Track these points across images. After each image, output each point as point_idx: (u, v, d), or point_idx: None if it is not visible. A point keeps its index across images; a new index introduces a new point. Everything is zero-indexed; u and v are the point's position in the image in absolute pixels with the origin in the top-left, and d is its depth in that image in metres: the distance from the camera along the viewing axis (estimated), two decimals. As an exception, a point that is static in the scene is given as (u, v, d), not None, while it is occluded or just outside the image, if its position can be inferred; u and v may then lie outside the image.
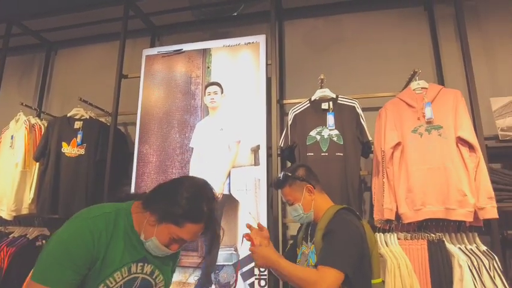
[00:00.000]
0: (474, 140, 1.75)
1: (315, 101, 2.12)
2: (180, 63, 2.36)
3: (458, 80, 2.30)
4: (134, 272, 1.00)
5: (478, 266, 1.61)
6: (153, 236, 0.96)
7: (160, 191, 1.01)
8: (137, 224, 1.00)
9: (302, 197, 1.39)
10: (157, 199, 0.99)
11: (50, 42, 3.28)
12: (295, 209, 1.40)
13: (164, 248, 0.98)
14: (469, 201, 1.69)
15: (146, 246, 0.99)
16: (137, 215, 1.01)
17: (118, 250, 0.97)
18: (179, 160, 2.17)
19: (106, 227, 0.96)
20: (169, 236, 0.96)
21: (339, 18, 2.72)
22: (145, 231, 0.98)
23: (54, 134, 2.43)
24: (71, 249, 0.90)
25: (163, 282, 1.09)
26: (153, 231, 0.96)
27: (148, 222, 0.97)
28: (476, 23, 2.46)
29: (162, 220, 0.95)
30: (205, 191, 1.02)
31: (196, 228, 0.97)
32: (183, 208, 0.94)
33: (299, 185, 1.41)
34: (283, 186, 1.43)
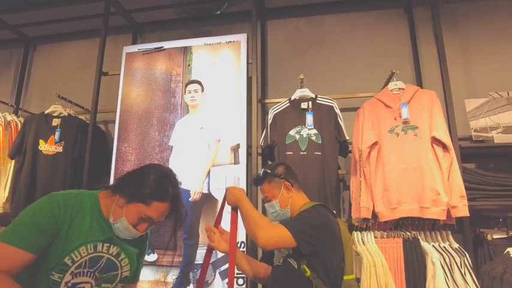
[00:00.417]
0: (448, 140, 1.79)
1: (295, 100, 2.14)
2: (161, 61, 2.34)
3: (436, 81, 2.34)
4: (100, 251, 1.05)
5: (449, 263, 1.65)
6: (123, 217, 1.02)
7: (129, 176, 1.09)
8: (105, 208, 1.07)
9: (280, 194, 1.41)
10: (127, 182, 1.06)
11: (29, 37, 3.20)
12: (272, 206, 1.41)
13: (132, 228, 1.03)
14: (442, 200, 1.73)
15: (115, 228, 1.04)
16: (105, 200, 1.07)
17: (84, 226, 1.02)
18: (158, 159, 2.15)
19: (73, 204, 1.02)
20: (138, 215, 1.03)
21: (320, 19, 2.74)
22: (114, 213, 1.04)
23: (31, 131, 2.38)
24: (38, 215, 0.96)
25: (129, 267, 1.12)
26: (122, 212, 1.02)
27: (117, 204, 1.04)
28: (453, 26, 2.51)
29: (131, 200, 1.02)
30: (170, 175, 1.11)
31: (163, 206, 1.04)
32: (150, 188, 1.03)
33: (277, 182, 1.42)
34: (262, 182, 1.45)
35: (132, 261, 1.13)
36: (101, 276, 1.06)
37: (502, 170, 2.05)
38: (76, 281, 1.01)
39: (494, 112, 2.03)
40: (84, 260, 1.01)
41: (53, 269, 0.97)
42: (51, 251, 0.97)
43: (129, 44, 2.90)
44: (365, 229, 1.89)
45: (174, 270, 1.99)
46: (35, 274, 0.98)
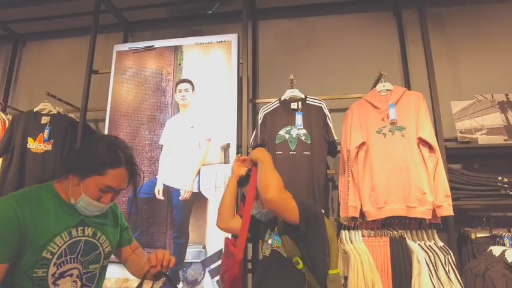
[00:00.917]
0: (433, 141, 1.83)
1: (285, 100, 2.16)
2: (151, 60, 2.34)
3: (423, 83, 2.38)
4: (75, 236, 1.05)
5: (434, 261, 1.69)
6: (82, 194, 1.02)
7: (76, 153, 1.12)
8: (63, 193, 1.06)
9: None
10: (76, 160, 1.07)
11: (18, 34, 3.17)
12: (255, 207, 1.42)
13: (96, 202, 1.04)
14: (427, 200, 1.77)
15: (78, 207, 1.04)
16: (60, 185, 1.07)
17: (50, 218, 1.01)
18: (148, 157, 2.16)
19: (28, 201, 1.00)
20: (97, 187, 1.02)
21: (311, 20, 2.77)
22: (73, 194, 1.03)
23: (19, 128, 2.35)
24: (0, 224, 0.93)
25: (108, 243, 1.14)
26: (80, 189, 1.02)
27: (73, 184, 1.03)
28: (441, 30, 2.56)
29: (85, 175, 1.01)
30: (117, 141, 1.10)
31: (119, 172, 1.04)
32: (100, 158, 1.02)
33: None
34: (246, 184, 1.45)
35: (111, 238, 1.15)
36: (84, 259, 1.07)
37: (486, 170, 2.10)
38: (63, 270, 1.02)
39: (478, 114, 2.08)
40: (63, 249, 1.01)
41: (34, 267, 0.97)
42: (25, 252, 0.96)
43: (120, 42, 2.89)
44: (353, 228, 1.92)
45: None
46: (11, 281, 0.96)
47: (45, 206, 1.02)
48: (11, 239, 0.94)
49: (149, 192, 2.09)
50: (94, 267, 1.10)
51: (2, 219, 0.94)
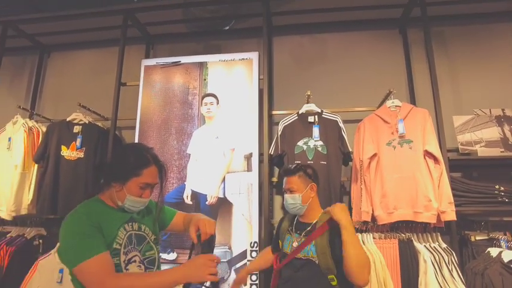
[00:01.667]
0: (438, 154, 2.04)
1: (302, 114, 2.36)
2: (178, 75, 2.53)
3: (427, 98, 2.60)
4: (129, 230, 1.25)
5: (439, 260, 1.89)
6: (127, 195, 1.21)
7: (110, 166, 1.27)
8: (109, 201, 1.25)
9: (304, 191, 1.58)
10: (113, 171, 1.23)
11: (43, 45, 3.33)
12: (294, 198, 1.57)
13: (139, 199, 1.23)
14: (433, 206, 1.98)
15: (127, 207, 1.23)
16: (104, 196, 1.25)
17: (108, 219, 1.20)
18: (177, 165, 2.34)
19: (89, 209, 1.20)
20: (137, 187, 1.21)
21: (323, 37, 2.97)
22: (118, 198, 1.22)
23: (53, 137, 2.53)
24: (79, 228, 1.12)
25: (151, 232, 1.35)
26: (124, 193, 1.21)
27: (116, 190, 1.21)
28: (443, 48, 2.78)
29: (125, 180, 1.21)
30: (141, 146, 1.31)
31: (150, 170, 1.23)
32: (133, 163, 1.22)
33: (306, 180, 1.60)
34: (293, 174, 1.61)
35: (152, 227, 1.35)
36: (139, 248, 1.27)
37: (484, 179, 2.32)
38: (129, 257, 1.21)
39: (478, 128, 2.29)
40: (124, 241, 1.21)
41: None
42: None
43: (141, 54, 3.08)
44: (365, 231, 2.12)
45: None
46: None
47: (102, 211, 1.21)
48: (96, 232, 1.13)
49: (178, 197, 2.29)
50: (150, 253, 1.30)
51: (81, 222, 1.14)
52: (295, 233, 1.62)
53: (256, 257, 2.11)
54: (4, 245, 2.33)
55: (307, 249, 1.51)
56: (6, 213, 2.40)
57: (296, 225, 1.65)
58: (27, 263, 2.31)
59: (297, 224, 1.66)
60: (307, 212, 1.61)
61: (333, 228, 1.45)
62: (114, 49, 3.20)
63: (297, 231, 1.62)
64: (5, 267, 2.27)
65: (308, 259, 1.49)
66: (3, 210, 2.42)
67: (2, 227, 2.55)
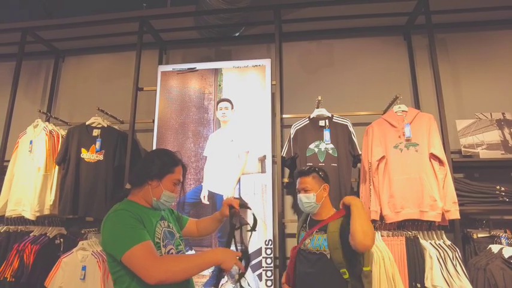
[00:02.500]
0: (443, 156, 2.17)
1: (313, 118, 2.48)
2: (194, 80, 2.64)
3: (431, 102, 2.73)
4: (164, 227, 1.39)
5: (444, 257, 2.02)
6: (163, 190, 1.37)
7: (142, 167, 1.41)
8: (142, 201, 1.37)
9: (318, 191, 1.71)
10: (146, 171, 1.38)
11: (58, 49, 3.43)
12: (308, 197, 1.70)
13: (173, 194, 1.40)
14: (438, 205, 2.10)
15: (161, 203, 1.37)
16: (137, 196, 1.37)
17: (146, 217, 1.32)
18: (194, 167, 2.46)
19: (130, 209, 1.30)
20: (172, 183, 1.39)
21: (330, 43, 3.09)
22: (154, 194, 1.36)
23: (74, 141, 2.64)
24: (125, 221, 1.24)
25: (177, 230, 1.49)
26: (161, 188, 1.36)
27: (153, 187, 1.36)
28: (445, 53, 2.91)
29: (162, 177, 1.38)
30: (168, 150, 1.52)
31: (179, 168, 1.44)
32: (168, 162, 1.40)
33: (319, 181, 1.73)
34: (308, 175, 1.74)
35: (175, 226, 1.51)
36: (172, 242, 1.40)
37: (485, 179, 2.45)
38: (167, 250, 1.34)
39: (480, 131, 2.42)
40: (162, 235, 1.34)
41: None
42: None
43: (155, 59, 3.19)
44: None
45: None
46: None
47: (139, 209, 1.33)
48: (139, 224, 1.25)
49: (195, 197, 2.40)
50: (180, 248, 1.44)
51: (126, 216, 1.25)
52: (308, 229, 1.76)
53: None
54: (29, 244, 2.44)
55: (319, 243, 1.64)
56: (30, 214, 2.51)
57: (310, 223, 1.78)
58: (50, 261, 2.42)
59: (310, 221, 1.79)
60: (320, 211, 1.73)
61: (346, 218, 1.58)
62: (126, 54, 3.33)
63: (310, 227, 1.74)
64: (31, 264, 2.38)
65: (321, 253, 1.62)
66: (27, 211, 2.52)
67: (25, 226, 2.66)
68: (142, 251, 1.17)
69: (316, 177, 1.74)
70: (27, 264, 2.37)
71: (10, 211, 2.59)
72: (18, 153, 2.74)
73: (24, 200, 2.58)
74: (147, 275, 1.14)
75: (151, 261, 1.15)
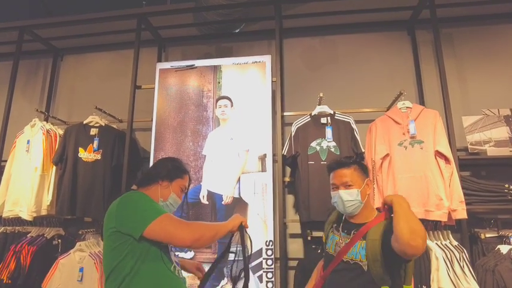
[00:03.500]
0: (449, 154, 2.10)
1: (315, 115, 2.41)
2: (193, 78, 2.58)
3: (436, 98, 2.66)
4: None
5: (450, 258, 1.95)
6: (171, 192, 1.42)
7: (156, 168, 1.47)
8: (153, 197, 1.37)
9: (362, 186, 1.40)
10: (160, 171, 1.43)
11: (57, 48, 3.39)
12: (351, 193, 1.39)
13: (179, 199, 1.45)
14: (444, 204, 2.03)
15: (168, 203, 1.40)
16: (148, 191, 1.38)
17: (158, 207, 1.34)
18: (193, 166, 2.40)
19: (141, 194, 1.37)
20: (180, 188, 1.45)
21: (332, 39, 3.02)
22: (162, 195, 1.39)
23: (71, 140, 2.59)
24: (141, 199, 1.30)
25: None
26: (170, 190, 1.41)
27: (162, 187, 1.40)
28: (451, 48, 2.83)
29: (172, 179, 1.42)
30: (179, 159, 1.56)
31: (187, 177, 1.50)
32: (179, 168, 1.47)
33: (362, 175, 1.43)
34: (348, 166, 1.43)
35: None
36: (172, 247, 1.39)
37: (492, 177, 2.38)
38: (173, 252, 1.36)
39: (487, 128, 2.34)
40: None
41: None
42: None
43: (153, 56, 3.14)
44: (377, 229, 2.18)
45: (209, 265, 2.23)
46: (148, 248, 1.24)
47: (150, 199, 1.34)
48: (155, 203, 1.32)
49: (194, 197, 2.35)
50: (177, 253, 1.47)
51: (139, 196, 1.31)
52: (341, 232, 1.44)
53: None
54: (26, 245, 2.40)
55: (355, 251, 1.33)
56: (27, 214, 2.47)
57: (344, 224, 1.47)
58: (47, 262, 2.39)
59: (345, 223, 1.47)
60: (362, 211, 1.42)
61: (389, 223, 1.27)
62: (125, 52, 3.29)
63: (344, 230, 1.44)
64: (28, 266, 2.34)
65: (356, 263, 1.32)
66: (24, 211, 2.48)
67: (22, 227, 2.62)
68: (169, 218, 1.23)
69: (358, 170, 1.43)
70: (24, 266, 2.33)
71: (7, 212, 2.55)
72: (16, 153, 2.71)
73: (21, 200, 2.54)
74: (181, 236, 1.19)
75: (182, 224, 1.24)
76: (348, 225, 1.44)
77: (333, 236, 1.49)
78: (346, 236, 1.41)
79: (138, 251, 1.21)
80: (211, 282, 2.24)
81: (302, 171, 2.29)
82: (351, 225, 1.43)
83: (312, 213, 2.19)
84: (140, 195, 1.32)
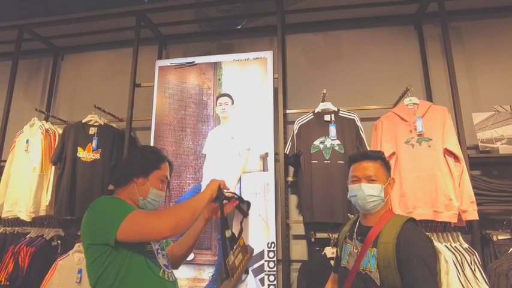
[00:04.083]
0: (459, 152, 2.01)
1: (318, 113, 2.34)
2: (193, 75, 2.52)
3: (444, 95, 2.56)
4: None
5: (461, 261, 1.86)
6: (150, 188, 1.27)
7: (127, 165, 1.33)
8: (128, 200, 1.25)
9: (386, 183, 1.32)
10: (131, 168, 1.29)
11: (57, 47, 3.36)
12: (375, 188, 1.29)
13: (160, 192, 1.31)
14: (454, 205, 1.94)
15: (149, 200, 1.27)
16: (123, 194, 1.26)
17: None
18: (193, 166, 2.34)
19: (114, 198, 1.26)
20: (159, 179, 1.30)
21: (336, 34, 2.94)
22: (140, 193, 1.26)
23: (69, 139, 2.55)
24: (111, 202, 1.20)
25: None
26: (147, 186, 1.27)
27: (139, 184, 1.26)
28: (460, 43, 2.72)
29: (148, 173, 1.28)
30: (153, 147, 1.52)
31: (166, 165, 1.34)
32: (153, 158, 1.32)
33: (386, 172, 1.35)
34: (374, 160, 1.33)
35: None
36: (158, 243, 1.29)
37: (505, 177, 2.28)
38: (156, 247, 1.25)
39: (498, 125, 2.24)
40: None
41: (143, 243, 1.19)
42: None
43: (154, 54, 3.09)
44: (383, 230, 2.09)
45: (209, 268, 2.18)
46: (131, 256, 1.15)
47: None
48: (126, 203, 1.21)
49: (194, 197, 2.28)
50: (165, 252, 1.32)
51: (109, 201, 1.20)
52: (356, 240, 1.32)
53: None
54: (24, 246, 2.37)
55: (366, 260, 1.21)
56: (25, 215, 2.43)
57: (358, 230, 1.34)
58: (46, 264, 2.35)
59: (359, 228, 1.34)
60: (377, 212, 1.31)
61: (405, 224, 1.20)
62: (126, 50, 3.24)
63: (359, 236, 1.31)
64: (26, 267, 2.30)
65: (367, 274, 1.20)
66: (23, 212, 2.45)
67: (21, 228, 2.59)
68: (139, 214, 1.12)
69: (383, 166, 1.33)
70: (22, 267, 2.30)
71: (6, 212, 2.53)
72: (15, 153, 2.68)
73: (20, 200, 2.51)
74: (157, 228, 1.07)
75: (154, 215, 1.11)
76: (362, 230, 1.33)
77: (346, 246, 1.37)
78: (360, 244, 1.29)
79: (119, 260, 1.12)
80: (211, 285, 2.18)
81: (305, 170, 2.21)
82: (364, 229, 1.32)
83: (315, 213, 2.12)
84: (107, 199, 1.21)
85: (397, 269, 1.14)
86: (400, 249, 1.15)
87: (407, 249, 1.14)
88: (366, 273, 1.21)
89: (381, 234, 1.22)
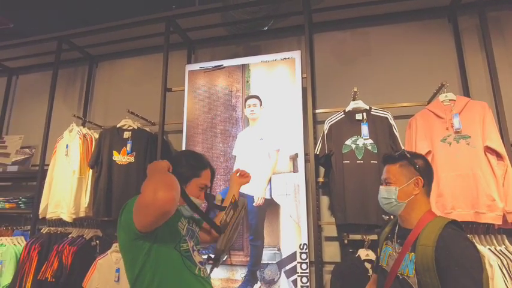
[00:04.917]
0: (502, 149, 1.90)
1: (349, 112, 2.29)
2: (221, 78, 2.56)
3: (483, 90, 2.43)
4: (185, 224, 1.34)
5: (507, 265, 1.76)
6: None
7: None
8: None
9: (404, 184, 1.27)
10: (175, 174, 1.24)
11: (92, 55, 3.52)
12: (389, 191, 1.29)
13: (198, 200, 1.30)
14: (497, 206, 1.84)
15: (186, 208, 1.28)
16: None
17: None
18: (223, 167, 2.37)
19: None
20: (198, 187, 1.30)
21: (365, 31, 2.87)
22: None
23: (105, 143, 2.66)
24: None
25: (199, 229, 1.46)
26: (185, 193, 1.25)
27: None
28: (500, 34, 2.57)
29: (188, 180, 1.29)
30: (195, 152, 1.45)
31: (207, 172, 1.35)
32: (194, 165, 1.32)
33: (410, 172, 1.29)
34: (393, 162, 1.32)
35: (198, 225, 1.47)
36: (193, 239, 1.34)
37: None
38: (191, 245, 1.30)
39: (545, 120, 2.10)
40: (185, 231, 1.31)
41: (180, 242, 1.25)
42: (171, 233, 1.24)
43: (183, 59, 3.15)
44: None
45: (242, 269, 2.20)
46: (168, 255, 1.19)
47: None
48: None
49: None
50: (198, 248, 1.36)
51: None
52: (395, 243, 1.29)
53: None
54: (67, 245, 2.49)
55: (404, 264, 1.18)
56: (67, 216, 2.57)
57: (398, 233, 1.31)
58: (87, 262, 2.46)
59: (399, 230, 1.32)
60: (408, 214, 1.27)
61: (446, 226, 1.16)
62: (156, 56, 3.34)
63: (398, 239, 1.29)
64: (69, 265, 2.42)
65: (404, 279, 1.17)
66: (65, 213, 2.58)
67: (64, 228, 2.73)
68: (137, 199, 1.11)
69: (405, 166, 1.29)
70: (66, 265, 2.42)
71: (50, 213, 2.67)
72: (57, 157, 2.83)
73: (62, 202, 2.64)
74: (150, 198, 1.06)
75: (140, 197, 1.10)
76: (402, 232, 1.29)
77: (386, 248, 1.35)
78: (399, 247, 1.25)
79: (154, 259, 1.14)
80: (244, 286, 2.19)
81: (337, 171, 2.18)
82: (404, 231, 1.28)
83: (348, 215, 2.07)
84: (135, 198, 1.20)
85: (436, 273, 1.09)
86: (439, 253, 1.10)
87: (448, 256, 1.08)
88: (404, 278, 1.18)
89: (420, 237, 1.18)
